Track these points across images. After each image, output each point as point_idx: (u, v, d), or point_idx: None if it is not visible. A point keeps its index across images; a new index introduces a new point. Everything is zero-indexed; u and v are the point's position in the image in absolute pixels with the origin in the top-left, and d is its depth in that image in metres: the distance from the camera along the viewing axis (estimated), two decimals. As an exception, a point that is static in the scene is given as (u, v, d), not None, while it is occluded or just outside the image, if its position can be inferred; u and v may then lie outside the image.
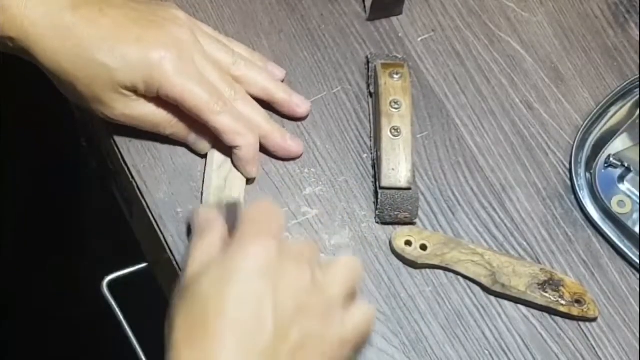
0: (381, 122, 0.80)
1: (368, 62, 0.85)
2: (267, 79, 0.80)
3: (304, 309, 0.64)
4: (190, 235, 0.71)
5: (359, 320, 0.67)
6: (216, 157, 0.78)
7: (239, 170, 0.78)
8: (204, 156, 0.79)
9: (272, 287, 0.63)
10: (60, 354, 1.24)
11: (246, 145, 0.77)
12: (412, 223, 0.80)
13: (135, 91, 0.74)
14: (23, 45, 0.73)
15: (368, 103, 0.84)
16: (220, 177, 0.78)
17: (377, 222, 0.79)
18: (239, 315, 0.62)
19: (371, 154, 0.82)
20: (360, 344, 0.69)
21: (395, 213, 0.79)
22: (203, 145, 0.79)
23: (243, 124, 0.77)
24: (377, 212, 0.79)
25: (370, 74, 0.84)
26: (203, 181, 0.78)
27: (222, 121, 0.76)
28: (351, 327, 0.66)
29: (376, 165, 0.80)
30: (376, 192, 0.79)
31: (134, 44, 0.73)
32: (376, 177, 0.80)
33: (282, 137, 0.79)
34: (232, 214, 0.71)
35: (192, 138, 0.78)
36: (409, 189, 0.79)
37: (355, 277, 0.68)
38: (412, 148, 0.80)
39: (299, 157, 0.80)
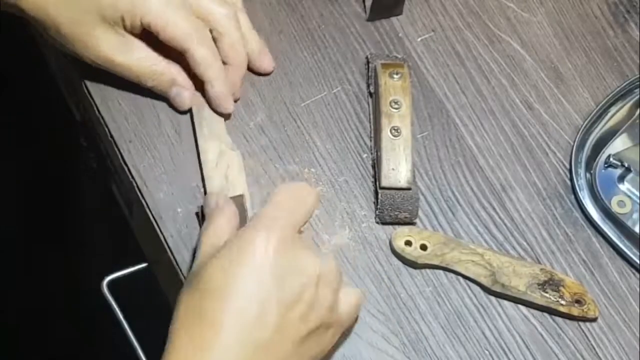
0: (381, 122, 0.80)
1: (368, 62, 0.85)
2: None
3: (308, 304, 0.65)
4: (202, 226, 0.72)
5: (352, 305, 0.70)
6: (210, 156, 0.78)
7: (214, 110, 0.80)
8: (184, 112, 0.80)
9: (279, 281, 0.64)
10: (60, 354, 1.24)
11: (218, 79, 0.78)
12: (412, 223, 0.80)
13: (120, 26, 0.75)
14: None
15: (368, 103, 0.84)
16: (221, 175, 0.78)
17: (377, 222, 0.79)
18: (241, 308, 0.63)
19: (371, 154, 0.82)
20: (349, 326, 0.73)
21: (395, 213, 0.79)
22: (183, 100, 0.79)
23: (216, 57, 0.78)
24: (377, 212, 0.79)
25: (370, 74, 0.84)
26: (203, 183, 0.78)
27: (200, 52, 0.76)
28: (345, 315, 0.70)
29: (376, 165, 0.80)
30: (376, 192, 0.79)
31: None
32: (376, 177, 0.80)
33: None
34: (238, 206, 0.72)
35: (173, 92, 0.79)
36: (409, 189, 0.79)
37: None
38: (412, 148, 0.79)
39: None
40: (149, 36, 0.77)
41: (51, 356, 1.25)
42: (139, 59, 0.77)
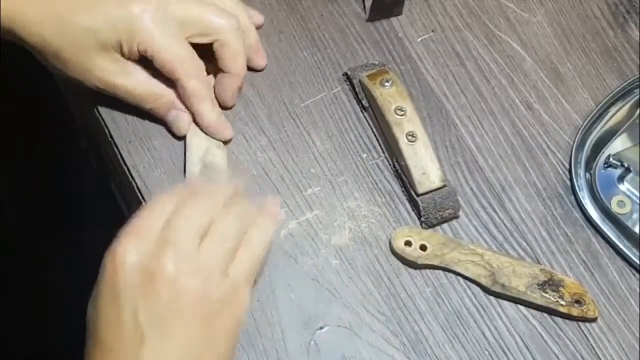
0: (394, 132, 0.80)
1: (349, 78, 0.84)
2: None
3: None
4: None
5: (247, 262, 0.69)
6: (195, 142, 0.79)
7: (215, 138, 0.80)
8: (181, 138, 0.80)
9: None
10: (60, 354, 1.24)
11: (206, 112, 0.78)
12: (456, 217, 0.80)
13: (118, 51, 0.75)
14: (8, 27, 0.74)
15: (365, 117, 0.84)
16: (201, 148, 0.78)
17: (425, 227, 0.79)
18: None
19: (391, 165, 0.81)
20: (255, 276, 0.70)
21: (440, 213, 0.79)
22: (181, 124, 0.79)
23: (207, 89, 0.78)
24: (421, 218, 0.79)
25: (357, 89, 0.84)
26: (185, 166, 0.78)
27: (190, 84, 0.77)
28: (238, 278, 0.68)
29: (404, 174, 0.80)
30: (411, 200, 0.79)
31: (113, 2, 0.74)
32: (407, 186, 0.80)
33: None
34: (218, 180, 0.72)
35: (172, 116, 0.79)
36: (444, 186, 0.79)
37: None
38: (433, 146, 0.80)
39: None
40: (148, 61, 0.76)
41: (51, 356, 1.25)
42: (138, 82, 0.77)
